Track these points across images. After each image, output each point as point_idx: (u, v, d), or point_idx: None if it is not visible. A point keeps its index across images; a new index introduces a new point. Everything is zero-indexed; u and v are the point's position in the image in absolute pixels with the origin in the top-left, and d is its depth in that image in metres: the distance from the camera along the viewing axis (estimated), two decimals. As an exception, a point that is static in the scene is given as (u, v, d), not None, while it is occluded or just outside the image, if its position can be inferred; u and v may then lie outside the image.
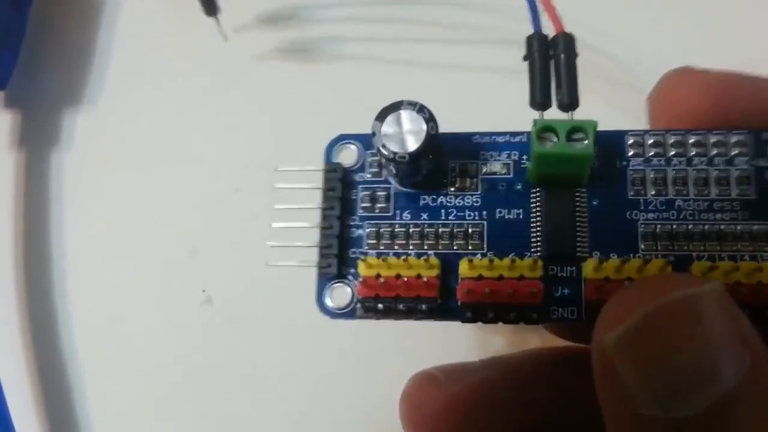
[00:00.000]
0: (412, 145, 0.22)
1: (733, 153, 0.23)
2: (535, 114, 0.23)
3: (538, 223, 0.23)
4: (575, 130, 0.22)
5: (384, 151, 0.22)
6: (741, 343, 0.18)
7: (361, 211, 0.25)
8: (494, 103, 0.35)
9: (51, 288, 0.42)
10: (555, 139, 0.22)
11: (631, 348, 0.18)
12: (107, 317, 0.41)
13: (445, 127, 0.23)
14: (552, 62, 0.24)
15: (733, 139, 0.23)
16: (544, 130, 0.22)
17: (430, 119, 0.22)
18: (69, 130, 0.45)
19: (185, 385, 0.39)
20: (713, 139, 0.23)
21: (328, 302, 0.24)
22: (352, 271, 0.24)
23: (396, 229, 0.24)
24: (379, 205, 0.24)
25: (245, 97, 0.43)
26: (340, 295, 0.24)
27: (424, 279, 0.23)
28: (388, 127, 0.22)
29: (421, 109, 0.22)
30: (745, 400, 0.18)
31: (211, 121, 0.43)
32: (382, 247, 0.24)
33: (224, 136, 0.42)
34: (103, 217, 0.43)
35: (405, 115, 0.22)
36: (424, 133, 0.22)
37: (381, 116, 0.22)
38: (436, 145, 0.23)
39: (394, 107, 0.22)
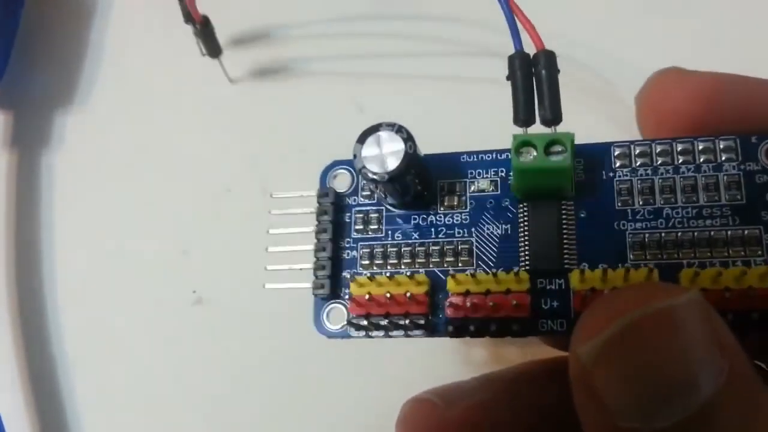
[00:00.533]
0: (392, 165, 0.23)
1: (722, 158, 0.23)
2: (520, 130, 0.24)
3: (526, 238, 0.24)
4: (553, 143, 0.22)
5: (365, 173, 0.23)
6: (719, 351, 0.18)
7: (354, 233, 0.25)
8: (479, 116, 0.35)
9: (41, 288, 0.42)
10: (534, 153, 0.22)
11: (607, 361, 0.18)
12: (97, 317, 0.41)
13: (426, 138, 0.24)
14: (534, 79, 0.24)
15: (722, 144, 0.23)
16: (523, 144, 0.22)
17: (408, 139, 0.23)
18: (60, 131, 0.45)
19: (176, 386, 0.39)
20: (701, 145, 0.23)
21: (326, 323, 0.25)
22: (347, 291, 0.25)
23: (388, 249, 0.25)
24: (371, 227, 0.25)
25: (238, 99, 0.43)
26: (337, 315, 0.25)
27: (413, 296, 0.23)
28: (368, 148, 0.23)
29: (399, 130, 0.23)
30: (724, 408, 0.17)
31: (201, 121, 0.43)
32: (375, 267, 0.25)
33: (214, 137, 0.42)
34: (93, 217, 0.43)
35: (384, 136, 0.23)
36: (402, 153, 0.23)
37: (361, 139, 0.23)
38: (417, 163, 0.23)
39: (374, 129, 0.23)
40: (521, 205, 0.24)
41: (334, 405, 0.36)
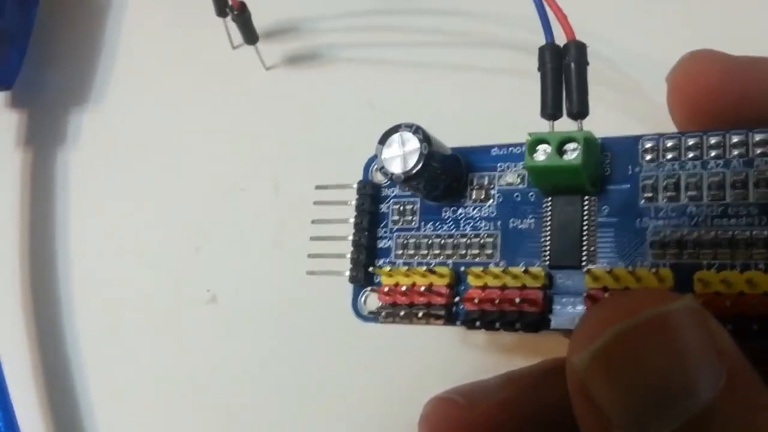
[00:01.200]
0: (409, 165, 0.24)
1: (755, 153, 0.22)
2: (546, 123, 0.24)
3: (548, 233, 0.24)
4: (567, 140, 0.22)
5: (385, 173, 0.24)
6: (717, 356, 0.18)
7: (390, 224, 0.27)
8: (505, 109, 0.33)
9: (56, 286, 0.42)
10: (548, 151, 0.22)
11: (601, 369, 0.18)
12: (112, 315, 0.41)
13: (455, 130, 0.24)
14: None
15: (756, 137, 0.22)
16: (538, 142, 0.23)
17: (425, 140, 0.24)
18: (75, 129, 0.45)
19: (190, 384, 0.39)
20: (734, 138, 0.22)
21: (361, 307, 0.27)
22: (378, 280, 0.26)
23: (420, 240, 0.26)
24: (406, 218, 0.26)
25: (250, 97, 0.42)
26: (372, 302, 0.26)
27: (436, 288, 0.24)
28: (388, 149, 0.24)
29: (416, 131, 0.24)
30: (724, 413, 0.17)
31: (216, 119, 0.42)
32: (406, 257, 0.26)
33: (229, 135, 0.42)
34: (108, 215, 0.43)
35: (403, 137, 0.24)
36: (417, 155, 0.23)
37: (382, 139, 0.24)
38: (437, 162, 0.24)
39: (394, 130, 0.24)
40: (546, 200, 0.24)
41: (350, 402, 0.35)
